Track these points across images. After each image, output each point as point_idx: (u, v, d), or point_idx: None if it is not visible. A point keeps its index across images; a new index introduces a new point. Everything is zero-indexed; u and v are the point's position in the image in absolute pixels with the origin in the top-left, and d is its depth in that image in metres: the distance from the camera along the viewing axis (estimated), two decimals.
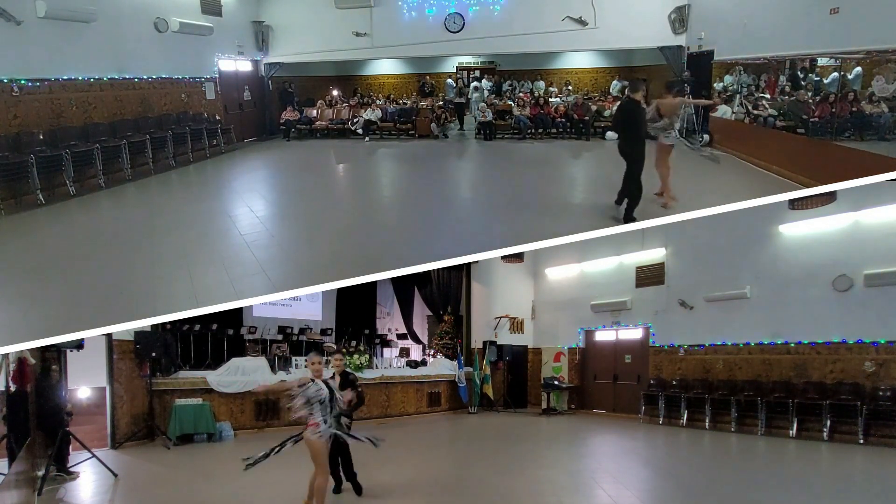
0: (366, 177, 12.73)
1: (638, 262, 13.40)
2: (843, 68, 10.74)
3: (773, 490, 6.77)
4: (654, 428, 11.76)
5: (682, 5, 13.97)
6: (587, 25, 14.46)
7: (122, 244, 8.09)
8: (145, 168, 11.92)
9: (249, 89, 16.39)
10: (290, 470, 6.42)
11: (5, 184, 9.34)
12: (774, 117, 11.59)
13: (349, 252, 7.54)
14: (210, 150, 13.79)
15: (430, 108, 16.26)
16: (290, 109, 16.39)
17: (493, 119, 15.31)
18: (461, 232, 8.33)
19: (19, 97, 9.94)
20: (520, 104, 15.94)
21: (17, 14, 9.69)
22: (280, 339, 13.03)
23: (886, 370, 9.43)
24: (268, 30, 16.05)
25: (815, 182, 8.96)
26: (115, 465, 7.79)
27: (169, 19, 13.06)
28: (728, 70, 13.33)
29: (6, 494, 5.20)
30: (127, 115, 12.04)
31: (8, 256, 7.78)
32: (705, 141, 12.71)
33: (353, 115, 16.29)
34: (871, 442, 9.18)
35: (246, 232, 8.22)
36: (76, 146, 10.48)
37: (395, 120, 16.16)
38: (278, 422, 11.65)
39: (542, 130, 15.35)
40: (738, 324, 11.38)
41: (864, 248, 9.78)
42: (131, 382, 9.97)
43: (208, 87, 14.59)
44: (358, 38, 15.43)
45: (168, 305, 6.26)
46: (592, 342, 14.68)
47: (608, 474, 7.65)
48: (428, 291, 15.75)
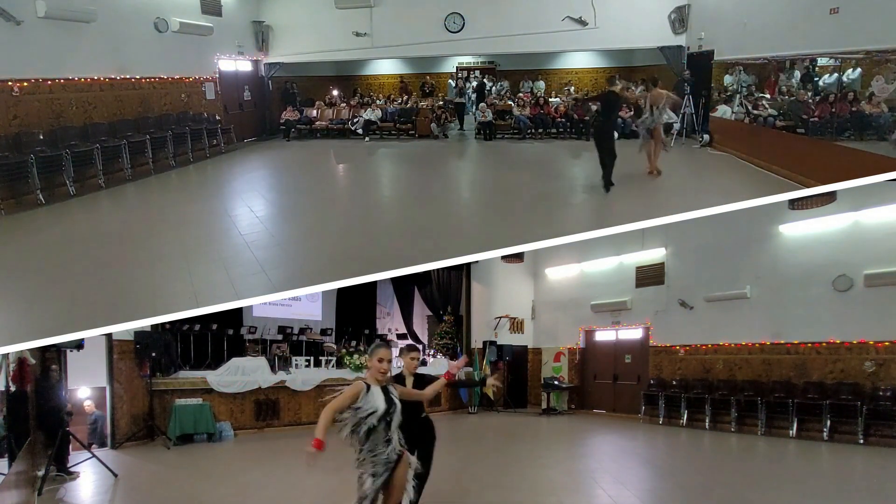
0: (366, 177, 12.72)
1: (638, 262, 13.41)
2: (843, 68, 10.74)
3: (773, 490, 6.77)
4: (654, 428, 11.76)
5: (682, 5, 13.96)
6: (587, 25, 14.45)
7: (122, 244, 8.09)
8: (145, 168, 11.91)
9: (249, 89, 16.37)
10: (290, 470, 6.46)
11: (5, 184, 9.33)
12: (774, 117, 11.58)
13: (349, 252, 7.54)
14: (210, 150, 13.78)
15: (430, 108, 16.26)
16: (291, 109, 16.38)
17: (493, 119, 15.31)
18: (461, 232, 8.33)
19: (19, 97, 9.94)
20: (520, 104, 15.93)
21: (17, 14, 9.68)
22: (280, 339, 13.04)
23: (886, 370, 9.43)
24: (268, 30, 16.04)
25: (815, 182, 8.95)
26: (115, 465, 7.79)
27: (169, 19, 13.05)
28: (728, 70, 13.32)
29: (6, 494, 5.20)
30: (127, 115, 12.02)
31: (8, 256, 7.78)
32: (705, 141, 12.72)
33: (353, 115, 16.28)
34: (871, 442, 9.18)
35: (246, 232, 8.22)
36: (76, 146, 10.47)
37: (395, 120, 16.16)
38: (278, 422, 11.68)
39: (542, 130, 15.35)
40: (738, 324, 11.38)
41: (864, 248, 9.79)
42: (131, 382, 9.98)
43: (208, 87, 14.58)
44: (358, 38, 15.42)
45: (168, 305, 6.25)
46: (592, 342, 14.68)
47: (608, 474, 7.65)
48: (428, 291, 15.75)
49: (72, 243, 8.22)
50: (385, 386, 3.90)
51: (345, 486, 6.88)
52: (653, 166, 10.36)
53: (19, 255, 7.83)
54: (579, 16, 14.42)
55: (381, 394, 3.84)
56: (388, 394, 3.88)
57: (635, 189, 10.05)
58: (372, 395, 3.79)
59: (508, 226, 8.38)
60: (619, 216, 8.20)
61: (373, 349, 3.96)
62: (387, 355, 3.89)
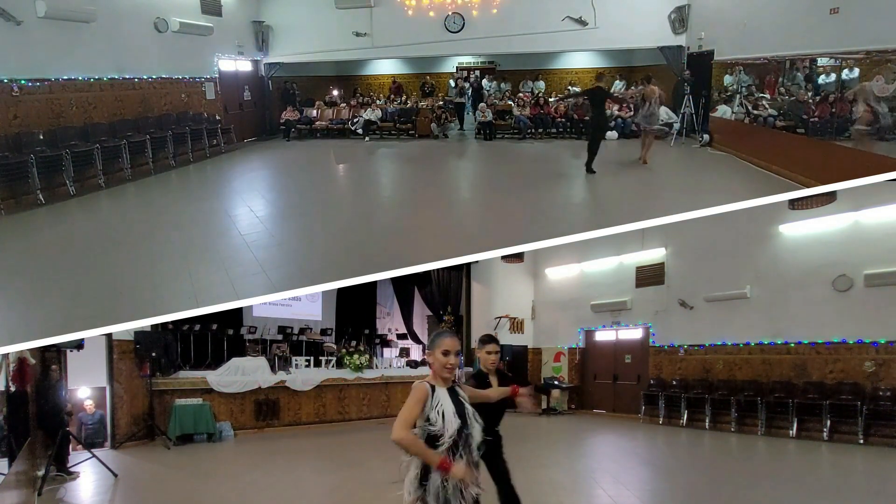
0: (366, 177, 12.72)
1: (638, 262, 13.41)
2: (843, 68, 10.74)
3: (773, 490, 6.77)
4: (654, 428, 11.76)
5: (682, 5, 13.97)
6: (587, 25, 14.46)
7: (122, 244, 8.08)
8: (145, 168, 11.91)
9: (249, 89, 16.38)
10: (290, 470, 6.46)
11: (5, 184, 9.33)
12: (774, 117, 11.59)
13: (349, 252, 7.53)
14: (210, 150, 13.78)
15: (430, 108, 16.27)
16: (291, 109, 16.39)
17: (493, 119, 15.31)
18: (461, 232, 8.33)
19: (19, 97, 9.94)
20: (520, 104, 15.94)
21: (17, 14, 9.67)
22: (280, 339, 13.04)
23: (886, 370, 9.43)
24: (268, 30, 16.04)
25: (815, 182, 8.95)
26: (115, 465, 7.79)
27: (169, 19, 13.05)
28: (728, 70, 13.33)
29: (6, 494, 5.20)
30: (127, 115, 12.03)
31: (8, 256, 7.78)
32: (705, 141, 12.72)
33: (353, 115, 16.29)
34: (871, 442, 9.17)
35: (246, 232, 8.22)
36: (76, 146, 10.47)
37: (395, 120, 16.17)
38: (278, 422, 11.68)
39: (542, 130, 15.36)
40: (738, 324, 11.38)
41: (864, 248, 9.78)
42: (131, 382, 9.98)
43: (208, 87, 14.58)
44: (358, 38, 15.43)
45: (168, 305, 6.25)
46: (592, 342, 14.68)
47: (608, 474, 7.66)
48: (428, 291, 15.75)
49: (72, 243, 8.22)
50: (452, 387, 2.95)
51: (345, 486, 6.90)
52: (644, 156, 11.30)
53: (19, 254, 7.83)
54: (579, 16, 14.43)
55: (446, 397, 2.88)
56: (455, 396, 2.92)
57: (635, 189, 10.06)
58: (439, 399, 2.84)
59: (508, 226, 8.38)
60: (619, 216, 8.19)
61: (433, 339, 2.97)
62: (454, 346, 2.92)
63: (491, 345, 4.19)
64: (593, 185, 10.56)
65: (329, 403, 12.44)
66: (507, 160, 13.47)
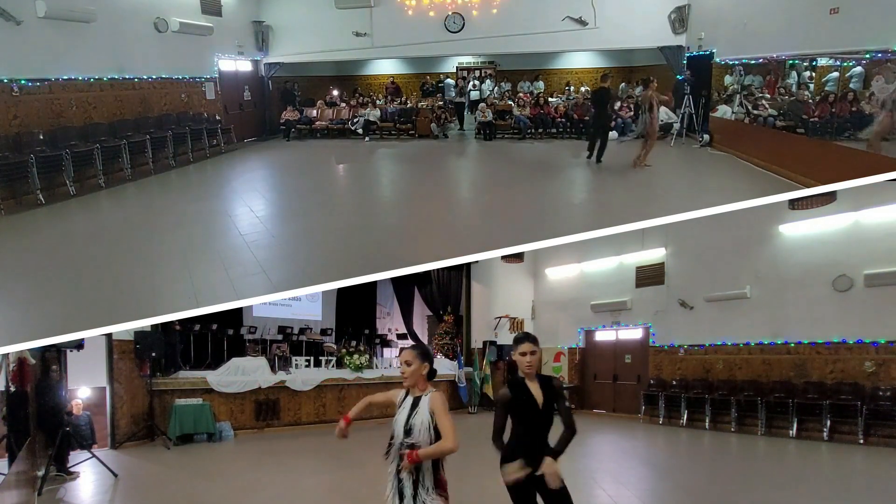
0: (366, 177, 12.72)
1: (638, 262, 13.41)
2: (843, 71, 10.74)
3: (774, 490, 6.77)
4: (654, 428, 11.76)
5: (682, 5, 13.96)
6: (587, 25, 14.46)
7: (122, 244, 8.08)
8: (145, 168, 11.91)
9: (249, 89, 16.38)
10: (290, 470, 6.47)
11: (5, 184, 9.32)
12: (774, 117, 11.59)
13: (349, 252, 7.53)
14: (210, 150, 13.78)
15: (430, 108, 16.27)
16: (291, 109, 16.38)
17: (493, 119, 15.31)
18: (461, 232, 8.33)
19: (19, 97, 9.94)
20: (520, 104, 15.94)
21: (17, 14, 9.67)
22: (280, 339, 13.04)
23: (886, 370, 9.43)
24: (268, 30, 16.04)
25: (815, 182, 8.95)
26: (115, 465, 7.80)
27: (169, 19, 13.05)
28: (728, 70, 13.32)
29: (6, 494, 5.20)
30: (127, 115, 12.02)
31: (8, 256, 7.78)
32: (706, 141, 12.72)
33: (353, 115, 16.29)
34: (871, 442, 9.18)
35: (246, 232, 8.22)
36: (76, 146, 10.47)
37: (395, 120, 16.17)
38: (278, 422, 11.68)
39: (542, 130, 15.36)
40: (738, 324, 11.38)
41: (864, 248, 9.78)
42: (131, 382, 9.99)
43: (208, 87, 14.58)
44: (358, 38, 15.43)
45: (168, 305, 6.25)
46: (592, 342, 14.69)
47: (608, 474, 7.66)
48: (428, 291, 15.75)
49: (72, 243, 8.22)
50: (419, 397, 3.26)
51: (345, 486, 6.90)
52: (641, 158, 11.15)
53: (19, 254, 7.83)
54: (579, 16, 14.43)
55: (407, 409, 3.26)
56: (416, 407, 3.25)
57: (635, 189, 10.06)
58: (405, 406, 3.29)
59: (508, 226, 8.38)
60: (619, 216, 8.19)
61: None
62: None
63: (524, 344, 3.60)
64: (593, 185, 10.57)
65: (329, 403, 12.44)
66: (507, 160, 13.45)
